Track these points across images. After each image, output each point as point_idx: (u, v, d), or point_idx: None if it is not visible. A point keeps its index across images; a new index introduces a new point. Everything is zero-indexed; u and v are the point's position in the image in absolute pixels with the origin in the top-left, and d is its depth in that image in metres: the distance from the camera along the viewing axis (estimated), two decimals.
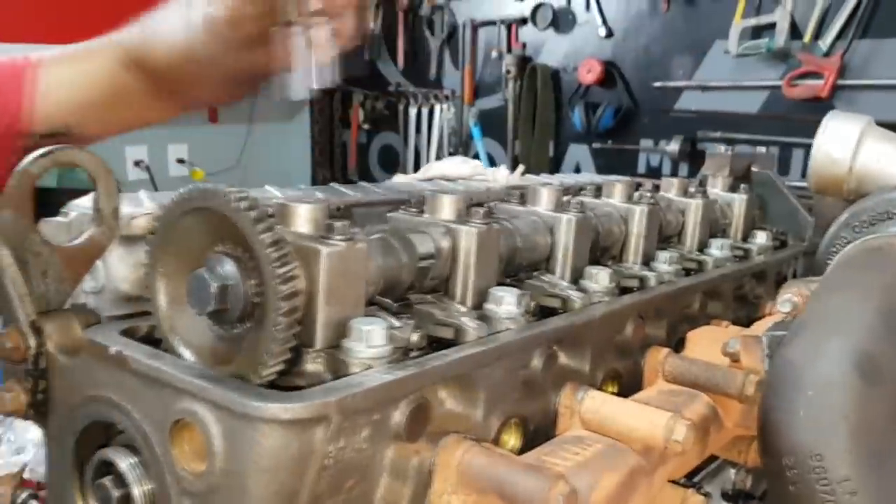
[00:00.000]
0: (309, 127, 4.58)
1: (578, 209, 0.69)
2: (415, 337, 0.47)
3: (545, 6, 3.61)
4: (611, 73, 3.47)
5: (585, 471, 0.51)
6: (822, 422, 0.48)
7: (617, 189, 0.80)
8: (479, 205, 0.60)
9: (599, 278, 0.67)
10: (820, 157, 0.75)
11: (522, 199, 0.72)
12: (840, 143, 0.74)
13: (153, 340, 0.47)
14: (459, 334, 0.53)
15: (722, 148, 1.03)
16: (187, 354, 0.44)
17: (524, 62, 3.70)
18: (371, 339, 0.45)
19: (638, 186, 0.86)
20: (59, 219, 0.55)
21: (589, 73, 3.48)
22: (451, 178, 0.95)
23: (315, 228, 0.47)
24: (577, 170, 3.64)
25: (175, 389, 0.41)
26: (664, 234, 0.84)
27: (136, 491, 0.43)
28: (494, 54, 3.80)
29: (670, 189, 0.89)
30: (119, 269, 0.53)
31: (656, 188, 0.91)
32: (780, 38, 2.82)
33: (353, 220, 0.48)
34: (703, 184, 0.98)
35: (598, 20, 3.47)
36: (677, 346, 0.75)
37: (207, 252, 0.44)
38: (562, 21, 3.60)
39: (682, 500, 0.59)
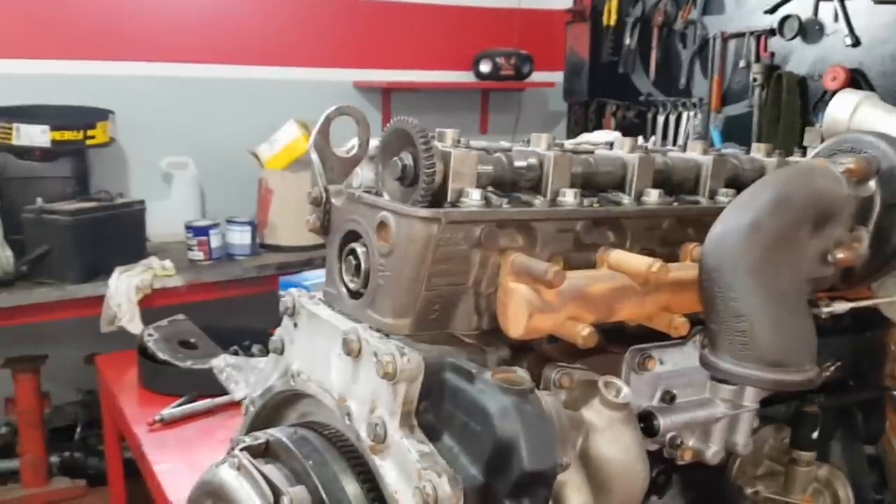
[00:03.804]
0: (565, 136, 5.08)
1: (643, 152, 1.10)
2: (504, 204, 0.93)
3: (792, 17, 3.78)
4: (856, 81, 3.55)
5: (590, 278, 0.93)
6: (722, 252, 0.86)
7: (695, 146, 1.18)
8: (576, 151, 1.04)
9: (651, 195, 1.07)
10: (828, 121, 1.07)
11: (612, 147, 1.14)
12: (842, 109, 1.05)
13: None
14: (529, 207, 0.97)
15: None
16: (386, 196, 0.93)
17: (771, 70, 3.88)
18: (473, 195, 0.91)
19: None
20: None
21: (834, 81, 3.59)
22: (594, 143, 1.37)
23: (453, 144, 0.94)
24: None
25: (379, 208, 0.90)
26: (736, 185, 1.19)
27: (363, 256, 0.93)
28: (742, 63, 4.02)
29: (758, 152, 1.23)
30: (365, 170, 1.05)
31: None
32: None
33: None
34: None
35: (846, 30, 3.57)
36: None
37: (402, 152, 0.93)
38: (809, 31, 3.74)
39: (669, 322, 0.97)
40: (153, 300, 3.33)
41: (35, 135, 3.43)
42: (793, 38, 3.78)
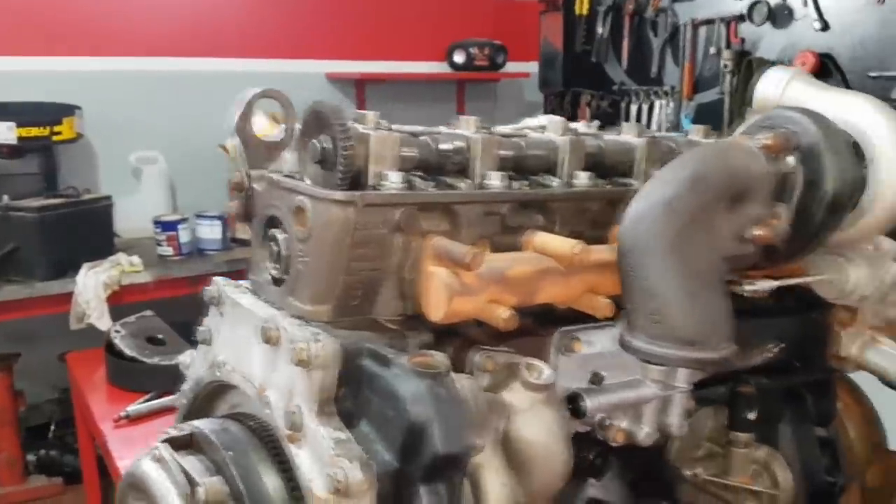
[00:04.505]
0: None
1: (574, 135, 1.09)
2: (429, 187, 0.92)
3: (761, 3, 3.78)
4: (826, 66, 3.55)
5: (512, 260, 0.92)
6: (637, 231, 0.85)
7: (629, 129, 1.18)
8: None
9: (581, 177, 1.06)
10: (758, 99, 1.06)
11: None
12: (772, 87, 1.04)
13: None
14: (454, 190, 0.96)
15: None
16: (308, 180, 0.92)
17: (742, 57, 3.88)
18: (392, 179, 0.90)
19: None
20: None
21: (803, 66, 3.59)
22: (531, 126, 1.36)
23: (373, 127, 0.93)
24: None
25: (297, 193, 0.89)
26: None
27: (283, 243, 0.92)
28: (713, 50, 4.01)
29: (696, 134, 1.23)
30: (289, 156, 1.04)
31: None
32: None
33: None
34: None
35: (814, 14, 3.57)
36: None
37: (320, 135, 0.92)
38: (778, 16, 3.74)
39: (593, 304, 0.96)
40: (122, 296, 3.31)
41: (1, 132, 3.40)
42: (762, 23, 3.78)
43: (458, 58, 4.82)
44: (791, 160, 0.88)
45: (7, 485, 3.61)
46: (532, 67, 5.06)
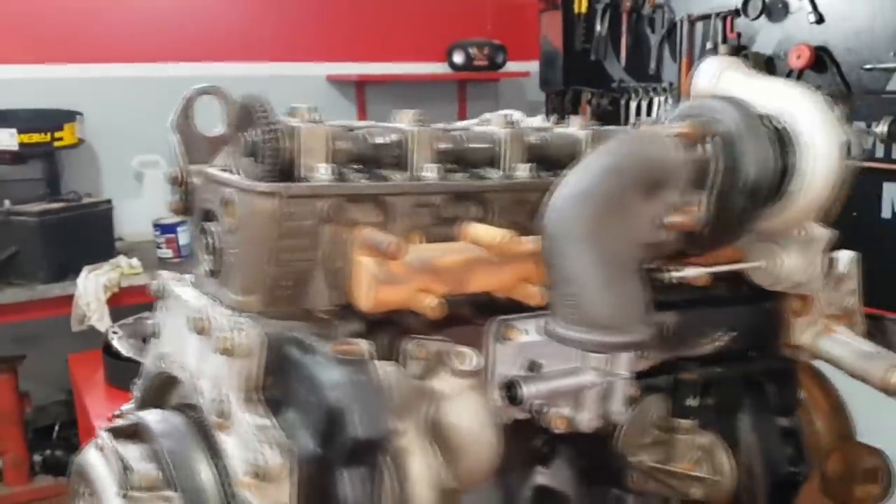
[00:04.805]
0: None
1: (513, 128, 1.10)
2: (361, 179, 0.94)
3: None
4: (821, 58, 3.53)
5: (440, 250, 0.93)
6: (556, 218, 0.87)
7: (574, 122, 1.19)
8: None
9: (521, 169, 1.08)
10: (693, 89, 1.06)
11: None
12: (706, 77, 1.05)
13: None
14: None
15: None
16: (242, 174, 0.94)
17: (738, 51, 3.85)
18: (322, 171, 0.92)
19: None
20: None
21: (798, 59, 3.57)
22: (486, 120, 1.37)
23: (304, 120, 0.94)
24: None
25: (227, 185, 0.91)
26: None
27: (216, 235, 0.94)
28: (709, 46, 4.00)
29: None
30: None
31: None
32: None
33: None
34: None
35: (809, 7, 3.55)
36: None
37: (250, 128, 0.94)
38: (773, 10, 3.72)
39: (524, 292, 0.98)
40: (122, 298, 3.35)
41: (3, 138, 3.46)
42: (757, 17, 3.76)
43: (458, 58, 4.83)
44: (708, 148, 0.88)
45: (13, 485, 3.68)
46: (532, 66, 5.06)
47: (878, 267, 3.35)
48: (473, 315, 1.03)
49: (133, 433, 0.98)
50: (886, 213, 3.28)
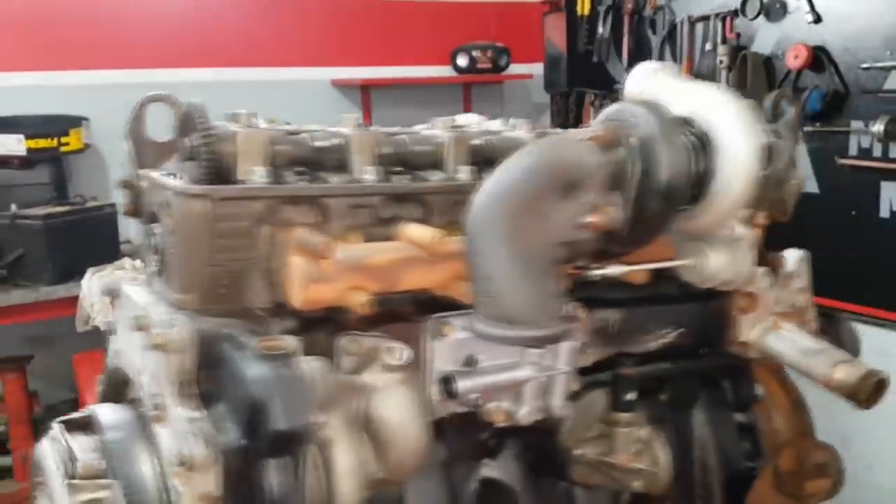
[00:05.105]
0: (549, 127, 5.09)
1: (456, 132, 1.13)
2: (298, 181, 0.97)
3: None
4: (819, 58, 3.52)
5: (372, 249, 0.97)
6: (476, 218, 0.90)
7: (520, 125, 1.22)
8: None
9: (463, 171, 1.11)
10: (627, 92, 1.09)
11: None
12: (637, 82, 1.07)
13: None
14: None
15: None
16: (180, 179, 0.98)
17: (737, 52, 3.86)
18: (258, 174, 0.96)
19: None
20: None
21: (796, 59, 3.56)
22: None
23: (242, 126, 0.98)
24: None
25: (166, 188, 0.96)
26: None
27: (159, 236, 0.98)
28: (709, 46, 4.00)
29: None
30: None
31: None
32: None
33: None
34: None
35: (806, 7, 3.54)
36: None
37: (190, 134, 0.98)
38: (771, 9, 3.72)
39: (459, 290, 1.01)
40: None
41: (11, 144, 3.55)
42: (756, 17, 3.76)
43: (461, 61, 4.86)
44: (622, 151, 0.91)
45: (23, 481, 3.76)
46: (536, 69, 5.08)
47: (876, 266, 3.34)
48: (413, 313, 1.06)
49: (84, 425, 1.02)
50: (884, 213, 3.27)
